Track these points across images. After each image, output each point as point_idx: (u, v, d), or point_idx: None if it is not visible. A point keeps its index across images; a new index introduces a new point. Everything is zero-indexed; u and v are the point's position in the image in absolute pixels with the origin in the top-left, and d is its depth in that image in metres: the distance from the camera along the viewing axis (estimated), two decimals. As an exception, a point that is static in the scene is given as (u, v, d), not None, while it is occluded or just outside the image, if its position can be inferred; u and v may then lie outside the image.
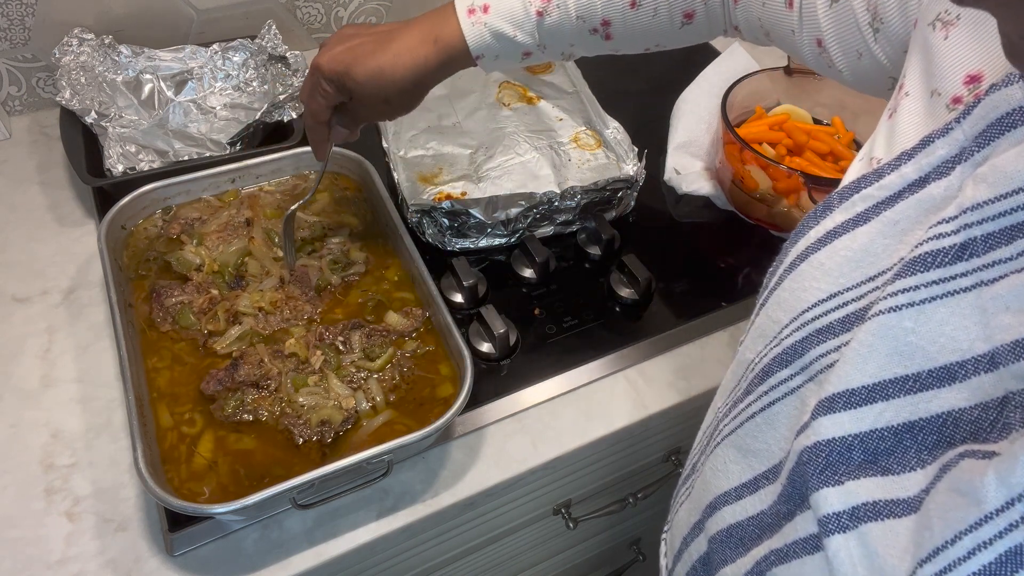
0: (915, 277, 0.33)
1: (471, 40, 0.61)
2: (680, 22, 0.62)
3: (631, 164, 0.86)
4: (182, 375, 0.67)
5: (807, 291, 0.38)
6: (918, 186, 0.35)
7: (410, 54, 0.61)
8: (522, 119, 0.93)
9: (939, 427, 0.32)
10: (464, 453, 0.68)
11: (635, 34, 0.63)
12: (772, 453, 0.40)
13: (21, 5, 0.88)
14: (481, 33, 0.60)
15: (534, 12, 0.60)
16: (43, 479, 0.64)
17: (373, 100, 0.63)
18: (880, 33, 0.48)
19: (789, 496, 0.37)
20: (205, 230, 0.76)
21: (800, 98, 0.95)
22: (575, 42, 0.63)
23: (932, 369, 0.32)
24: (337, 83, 0.62)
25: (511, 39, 0.61)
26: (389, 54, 0.60)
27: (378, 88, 0.61)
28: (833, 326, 0.37)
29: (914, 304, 0.33)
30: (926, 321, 0.33)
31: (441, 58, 0.61)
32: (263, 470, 0.61)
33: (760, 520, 0.40)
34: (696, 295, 0.81)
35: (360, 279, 0.75)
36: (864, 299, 0.36)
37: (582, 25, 0.61)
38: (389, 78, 0.61)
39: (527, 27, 0.61)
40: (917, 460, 0.32)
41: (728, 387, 0.46)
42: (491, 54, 0.62)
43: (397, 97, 0.63)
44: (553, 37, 0.62)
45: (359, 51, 0.61)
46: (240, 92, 0.96)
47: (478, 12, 0.60)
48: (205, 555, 0.60)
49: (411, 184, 0.83)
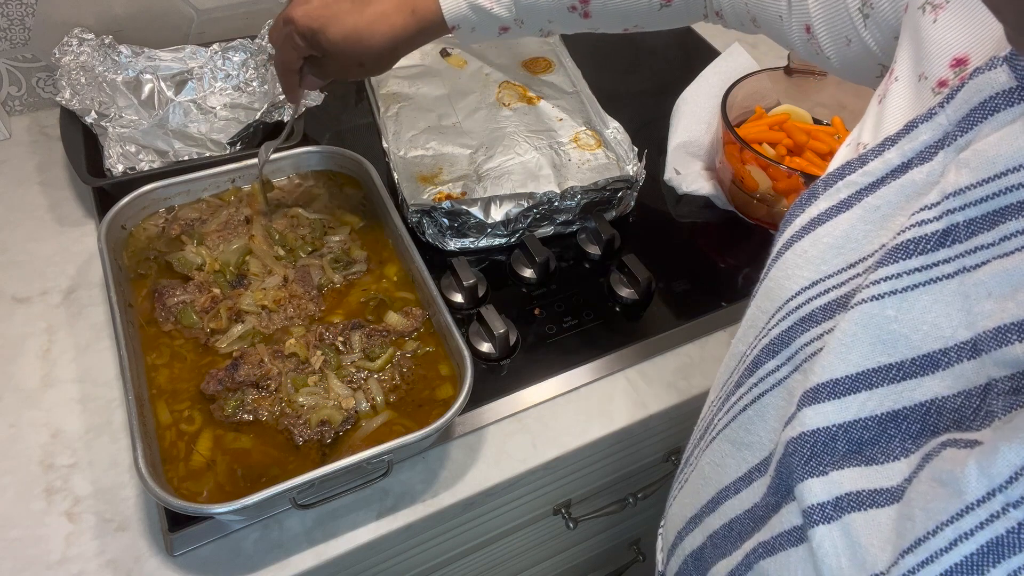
0: (897, 265, 0.33)
1: (447, 10, 0.60)
2: (659, 3, 0.61)
3: (631, 164, 0.86)
4: (182, 372, 0.67)
5: (791, 279, 0.38)
6: (900, 171, 0.35)
7: (386, 20, 0.60)
8: (522, 119, 0.93)
9: (922, 416, 0.32)
10: (464, 453, 0.68)
11: (613, 13, 0.62)
12: (763, 445, 0.40)
13: (21, 5, 0.88)
14: (458, 4, 0.60)
15: None
16: (43, 479, 0.64)
17: (347, 62, 0.62)
18: (870, 19, 0.48)
19: (776, 488, 0.37)
20: (205, 230, 0.76)
21: (800, 98, 0.95)
22: (553, 18, 0.63)
23: (915, 357, 0.32)
24: (310, 39, 0.61)
25: (487, 11, 0.61)
26: (365, 18, 0.60)
27: (352, 51, 0.61)
28: (816, 314, 0.37)
29: (896, 292, 0.33)
30: (908, 309, 0.32)
31: (418, 26, 0.61)
32: (261, 470, 0.61)
33: (753, 513, 0.40)
34: (696, 295, 0.81)
35: (361, 278, 0.75)
36: (845, 286, 0.36)
37: (560, 2, 0.61)
38: (365, 43, 0.60)
39: (504, 0, 0.61)
40: (901, 449, 0.32)
41: (721, 380, 0.46)
42: (467, 25, 0.62)
43: (372, 61, 0.62)
44: (530, 12, 0.62)
45: (335, 9, 0.60)
46: (240, 92, 0.96)
47: None
48: (205, 555, 0.60)
49: (411, 184, 0.83)
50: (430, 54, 1.03)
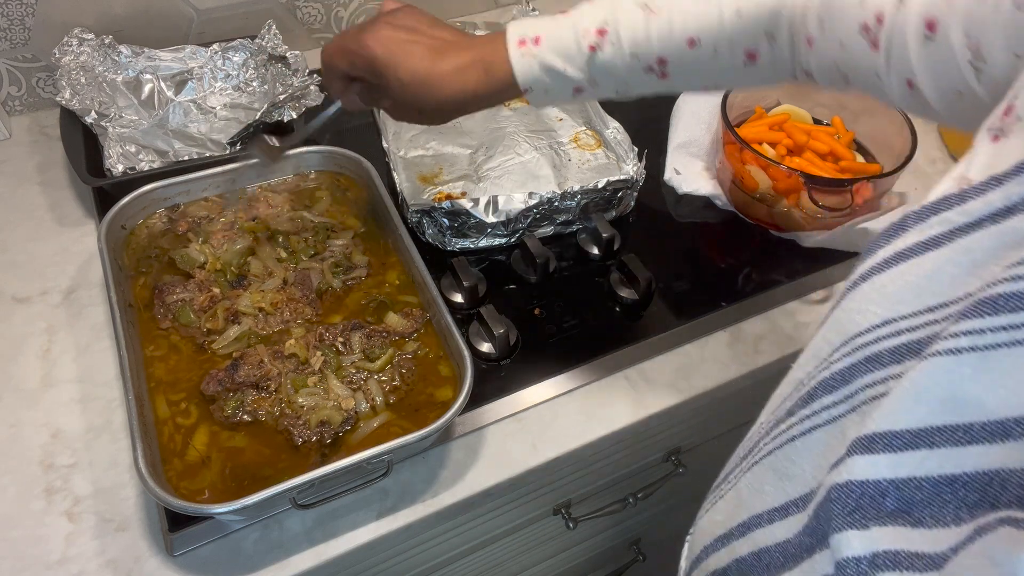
0: (982, 319, 0.30)
1: (520, 72, 0.58)
2: (742, 62, 0.57)
3: (631, 164, 0.86)
4: (179, 364, 0.67)
5: (863, 314, 0.36)
6: (1002, 216, 0.32)
7: (459, 75, 0.58)
8: (522, 119, 0.93)
9: (984, 485, 0.30)
10: (464, 453, 0.68)
11: (692, 74, 0.59)
12: (806, 480, 0.38)
13: (21, 5, 0.88)
14: (531, 65, 0.58)
15: (586, 47, 0.57)
16: (43, 479, 0.64)
17: (406, 104, 0.60)
18: (983, 72, 0.44)
19: (813, 530, 0.35)
20: (212, 228, 0.76)
21: (800, 98, 0.95)
22: (629, 80, 0.59)
23: (986, 422, 0.30)
24: (375, 69, 0.59)
25: (561, 73, 0.58)
26: (439, 68, 0.58)
27: (417, 96, 0.58)
28: (883, 356, 0.34)
29: (977, 349, 0.30)
30: (988, 370, 0.30)
31: (489, 87, 0.59)
32: (256, 469, 0.61)
33: (785, 549, 0.38)
34: (696, 295, 0.81)
35: (361, 283, 0.74)
36: (921, 331, 0.33)
37: (636, 63, 0.58)
38: (434, 92, 0.58)
39: (578, 61, 0.58)
40: (954, 517, 0.30)
41: (774, 404, 0.44)
42: (540, 88, 0.59)
43: (432, 110, 0.60)
44: (605, 73, 0.59)
45: (412, 49, 0.58)
46: (240, 92, 0.96)
47: (528, 44, 0.58)
48: (205, 555, 0.60)
49: (411, 184, 0.83)
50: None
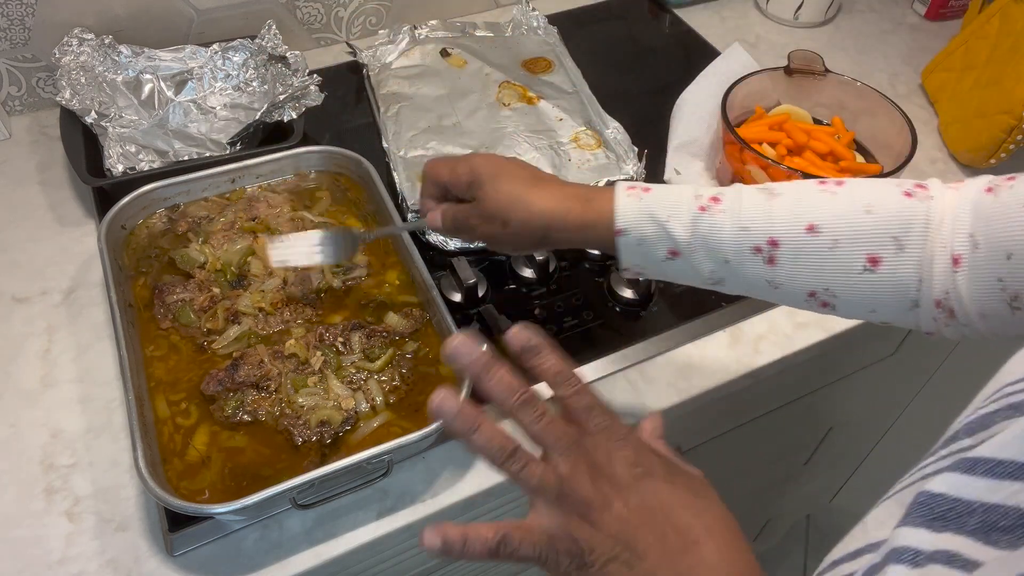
0: None
1: (620, 210, 0.56)
2: (861, 266, 0.53)
3: (631, 164, 0.86)
4: (179, 364, 0.67)
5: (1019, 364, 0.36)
6: None
7: (555, 198, 0.58)
8: (522, 119, 0.93)
9: None
10: (464, 453, 0.68)
11: (803, 266, 0.54)
12: None
13: (21, 5, 0.88)
14: (634, 207, 0.56)
15: (696, 207, 0.55)
16: (43, 479, 0.64)
17: (493, 214, 0.59)
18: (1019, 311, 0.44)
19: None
20: (211, 228, 0.76)
21: (800, 98, 0.95)
22: (731, 258, 0.55)
23: None
24: (474, 179, 0.60)
25: (663, 224, 0.56)
26: (538, 187, 0.59)
27: (506, 207, 0.59)
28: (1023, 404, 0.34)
29: None
30: None
31: (583, 218, 0.57)
32: (256, 469, 0.61)
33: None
34: (696, 295, 0.81)
35: (361, 283, 0.74)
36: None
37: (744, 238, 0.54)
38: (523, 203, 0.58)
39: (684, 218, 0.55)
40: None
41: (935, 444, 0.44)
42: (636, 234, 0.56)
43: (518, 226, 0.59)
44: (708, 242, 0.55)
45: (515, 171, 0.59)
46: (240, 92, 0.96)
47: (638, 190, 0.57)
48: (205, 555, 0.60)
49: (411, 184, 0.83)
50: (430, 54, 1.03)
